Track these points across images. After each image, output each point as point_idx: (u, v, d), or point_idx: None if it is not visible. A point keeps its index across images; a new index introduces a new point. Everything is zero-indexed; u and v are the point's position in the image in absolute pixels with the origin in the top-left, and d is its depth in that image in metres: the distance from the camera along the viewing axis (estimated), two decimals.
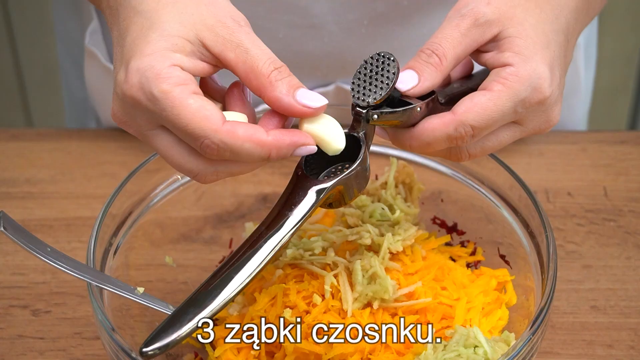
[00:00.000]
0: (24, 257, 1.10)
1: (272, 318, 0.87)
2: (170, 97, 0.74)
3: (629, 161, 1.23)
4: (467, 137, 0.79)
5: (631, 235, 1.12)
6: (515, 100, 0.79)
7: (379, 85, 0.79)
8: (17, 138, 1.29)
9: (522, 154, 1.24)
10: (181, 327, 0.73)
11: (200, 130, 0.73)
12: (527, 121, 0.82)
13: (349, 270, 0.89)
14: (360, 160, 0.79)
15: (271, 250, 0.76)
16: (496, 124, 0.80)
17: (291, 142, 0.75)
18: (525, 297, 0.92)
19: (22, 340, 1.01)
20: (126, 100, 0.76)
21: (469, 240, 1.01)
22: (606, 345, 0.99)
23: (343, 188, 0.79)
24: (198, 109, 0.74)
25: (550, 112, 0.83)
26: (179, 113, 0.74)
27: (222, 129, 0.73)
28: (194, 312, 0.74)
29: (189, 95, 0.74)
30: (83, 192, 1.20)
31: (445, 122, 0.79)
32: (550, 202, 1.17)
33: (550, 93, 0.81)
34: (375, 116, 0.79)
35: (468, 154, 0.83)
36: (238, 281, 0.75)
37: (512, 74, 0.79)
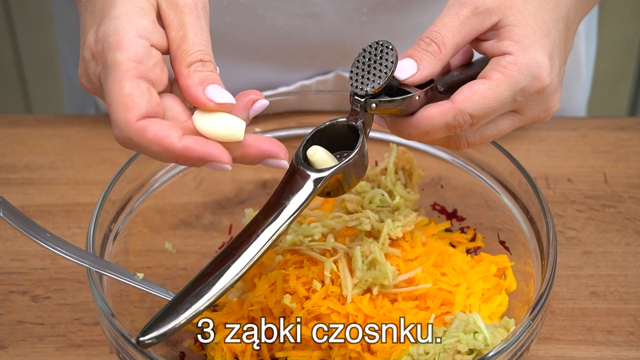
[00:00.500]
0: (23, 243, 1.10)
1: (271, 304, 0.87)
2: (116, 69, 0.73)
3: (629, 147, 1.23)
4: (466, 126, 0.79)
5: (631, 221, 1.12)
6: (515, 89, 0.79)
7: (377, 73, 0.78)
8: (16, 124, 1.29)
9: (522, 140, 1.24)
10: (179, 316, 0.73)
11: (115, 117, 0.72)
12: (526, 110, 0.82)
13: (348, 256, 0.89)
14: (359, 148, 0.79)
15: (269, 239, 0.76)
16: (495, 112, 0.80)
17: (200, 155, 0.73)
18: (525, 283, 0.92)
19: (22, 326, 1.01)
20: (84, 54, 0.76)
21: (468, 227, 1.01)
22: (606, 331, 0.99)
23: (341, 177, 0.79)
24: (126, 95, 0.72)
25: (550, 100, 0.83)
26: (110, 89, 0.73)
27: (134, 125, 0.72)
28: (191, 301, 0.73)
29: (131, 77, 0.73)
30: (82, 178, 1.20)
31: (444, 111, 0.79)
32: (550, 188, 1.17)
33: (550, 82, 0.81)
34: (374, 105, 0.79)
35: (467, 143, 0.83)
36: (235, 270, 0.75)
37: (511, 63, 0.79)
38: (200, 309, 0.74)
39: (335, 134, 0.81)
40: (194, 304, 0.73)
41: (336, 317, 0.86)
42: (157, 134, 0.72)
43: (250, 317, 0.89)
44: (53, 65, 2.14)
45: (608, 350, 0.98)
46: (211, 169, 0.74)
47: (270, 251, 0.92)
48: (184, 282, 0.98)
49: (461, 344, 0.81)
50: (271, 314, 0.88)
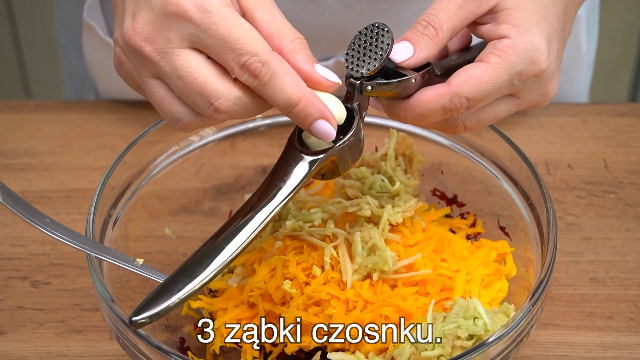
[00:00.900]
0: (23, 229, 1.10)
1: (271, 289, 0.87)
2: (224, 11, 0.73)
3: (629, 133, 1.23)
4: (462, 109, 0.79)
5: (631, 207, 1.12)
6: (512, 73, 0.79)
7: (373, 56, 0.78)
8: (16, 110, 1.28)
9: (522, 126, 1.24)
10: (172, 297, 0.73)
11: (251, 47, 0.73)
12: (523, 94, 0.82)
13: (348, 242, 0.89)
14: (354, 131, 0.79)
15: (263, 221, 0.76)
16: (492, 96, 0.80)
17: (323, 109, 0.75)
18: (525, 268, 0.92)
19: (22, 311, 1.01)
20: (168, 10, 0.74)
21: (468, 212, 1.00)
22: (605, 317, 0.99)
23: (337, 159, 0.79)
24: (250, 28, 0.74)
25: (548, 85, 0.83)
26: (232, 27, 0.73)
27: (274, 52, 0.74)
28: (184, 282, 0.74)
29: (239, 16, 0.74)
30: (82, 164, 1.20)
31: (440, 94, 0.79)
32: (551, 174, 1.17)
33: (547, 66, 0.80)
34: (369, 87, 0.79)
35: (463, 127, 0.83)
36: (229, 251, 0.75)
37: (508, 46, 0.79)
38: (194, 289, 0.74)
39: None
40: (188, 284, 0.73)
41: (336, 303, 0.86)
42: (291, 68, 0.75)
43: (250, 302, 0.89)
44: (52, 51, 2.14)
45: (608, 336, 0.98)
46: (314, 129, 0.76)
47: (270, 237, 0.92)
48: None
49: (461, 329, 0.81)
50: (271, 299, 0.88)
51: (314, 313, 0.86)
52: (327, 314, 0.86)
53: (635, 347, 0.97)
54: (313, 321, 0.86)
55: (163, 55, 0.74)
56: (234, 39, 0.73)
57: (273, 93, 0.74)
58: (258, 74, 0.73)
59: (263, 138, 1.07)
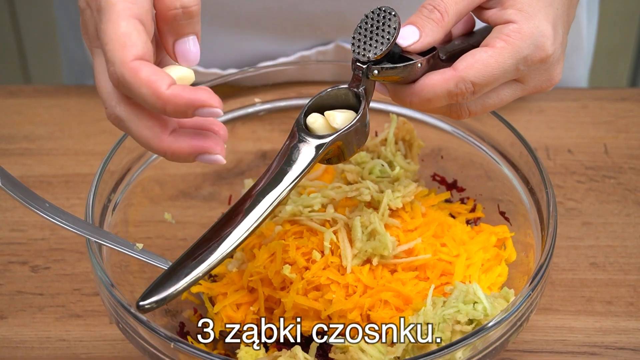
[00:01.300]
0: (22, 214, 1.10)
1: (271, 274, 0.87)
2: (111, 10, 0.71)
3: (629, 118, 1.23)
4: (468, 94, 0.79)
5: (631, 192, 1.12)
6: (518, 58, 0.79)
7: (379, 40, 0.78)
8: (15, 95, 1.28)
9: (522, 111, 1.24)
10: (178, 281, 0.73)
11: (110, 55, 0.70)
12: (528, 79, 0.82)
13: (348, 227, 0.89)
14: (360, 115, 0.79)
15: (269, 206, 0.75)
16: (497, 81, 0.80)
17: (188, 101, 0.70)
18: (525, 253, 0.92)
19: (22, 296, 1.01)
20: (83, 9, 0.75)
21: (468, 197, 1.00)
22: (605, 302, 0.99)
23: (342, 144, 0.79)
24: (123, 34, 0.70)
25: (552, 70, 0.83)
26: (106, 29, 0.71)
27: (130, 64, 0.70)
28: (191, 267, 0.73)
29: (126, 17, 0.71)
30: (82, 149, 1.19)
31: (446, 78, 0.79)
32: (551, 159, 1.16)
33: (553, 51, 0.80)
34: (376, 71, 0.79)
35: (468, 111, 0.83)
36: (236, 236, 0.74)
37: (514, 31, 0.79)
38: (200, 275, 0.73)
39: (336, 101, 0.81)
40: (194, 270, 0.73)
41: (336, 288, 0.86)
42: (149, 77, 0.70)
43: (250, 287, 0.89)
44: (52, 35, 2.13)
45: (607, 320, 0.98)
46: (200, 116, 0.71)
47: (269, 221, 0.92)
48: None
49: (461, 314, 0.81)
50: (271, 284, 0.88)
51: (314, 298, 0.86)
52: (327, 299, 0.86)
53: (634, 331, 0.97)
54: (313, 305, 0.86)
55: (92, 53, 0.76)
56: (104, 42, 0.72)
57: (143, 101, 0.71)
58: (116, 85, 0.72)
59: (263, 123, 1.07)
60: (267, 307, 0.89)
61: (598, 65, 1.83)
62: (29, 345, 0.96)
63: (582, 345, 0.96)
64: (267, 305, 0.89)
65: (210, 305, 0.90)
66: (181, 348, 0.77)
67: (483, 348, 0.79)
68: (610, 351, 0.95)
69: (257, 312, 0.89)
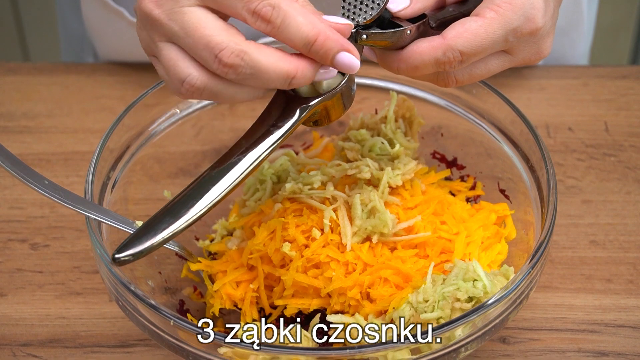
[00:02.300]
0: (22, 191, 1.10)
1: (271, 252, 0.87)
2: None
3: (630, 96, 1.23)
4: (455, 63, 0.79)
5: (631, 170, 1.12)
6: (507, 29, 0.78)
7: (369, 4, 0.78)
8: (14, 72, 1.28)
9: (522, 89, 1.23)
10: (155, 236, 0.73)
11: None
12: (517, 51, 0.82)
13: (348, 205, 0.89)
14: (346, 80, 0.78)
15: (250, 165, 0.75)
16: (485, 51, 0.79)
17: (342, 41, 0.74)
18: (525, 231, 0.92)
19: (21, 273, 1.01)
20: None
21: (468, 175, 1.00)
22: (605, 280, 1.00)
23: (329, 105, 0.79)
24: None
25: (542, 43, 0.82)
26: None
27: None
28: (169, 222, 0.73)
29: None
30: (81, 127, 1.19)
31: (434, 46, 0.78)
32: (551, 137, 1.16)
33: (543, 24, 0.80)
34: (364, 36, 0.78)
35: (455, 80, 0.82)
36: (215, 193, 0.74)
37: (505, 2, 0.78)
38: (178, 230, 0.73)
39: None
40: (172, 224, 0.73)
41: (335, 265, 0.86)
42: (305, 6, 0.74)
43: (250, 265, 0.89)
44: (51, 12, 2.12)
45: (607, 298, 0.98)
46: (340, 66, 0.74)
47: (269, 199, 0.92)
48: None
49: (460, 291, 0.82)
50: (270, 262, 0.88)
51: (314, 275, 0.86)
52: (327, 277, 0.86)
53: (634, 309, 0.97)
54: (312, 283, 0.86)
55: (172, 15, 0.73)
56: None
57: (289, 34, 0.73)
58: (270, 18, 0.72)
59: (262, 101, 1.06)
60: (266, 284, 0.89)
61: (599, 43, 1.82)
62: (28, 323, 0.96)
63: (582, 323, 0.96)
64: (266, 283, 0.89)
65: (209, 282, 0.90)
66: (181, 325, 0.77)
67: (483, 325, 0.79)
68: (610, 329, 0.95)
69: (256, 289, 0.89)
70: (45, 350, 0.94)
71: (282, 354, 0.77)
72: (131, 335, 0.95)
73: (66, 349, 0.94)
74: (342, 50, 0.74)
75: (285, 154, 0.96)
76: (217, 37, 0.72)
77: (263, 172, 0.94)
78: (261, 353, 0.76)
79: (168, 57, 0.74)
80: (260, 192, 0.94)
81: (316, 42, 0.73)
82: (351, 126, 0.98)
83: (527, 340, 0.94)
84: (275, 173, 0.95)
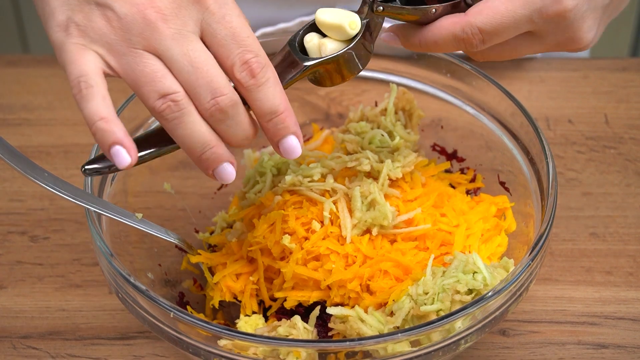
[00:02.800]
0: (22, 184, 1.10)
1: (270, 244, 0.87)
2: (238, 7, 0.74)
3: (630, 88, 1.22)
4: (476, 41, 0.78)
5: (631, 162, 1.12)
6: (531, 9, 0.77)
7: None
8: (14, 64, 1.28)
9: (522, 81, 1.23)
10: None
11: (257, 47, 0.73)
12: (545, 34, 0.80)
13: (348, 197, 0.89)
14: (349, 47, 0.79)
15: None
16: (507, 30, 0.78)
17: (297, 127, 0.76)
18: (525, 223, 0.92)
19: (21, 266, 1.01)
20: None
21: (468, 167, 1.00)
22: (605, 272, 1.00)
23: (330, 69, 0.79)
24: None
25: (576, 29, 0.80)
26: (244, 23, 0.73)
27: None
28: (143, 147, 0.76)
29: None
30: (80, 119, 1.16)
31: (454, 22, 0.78)
32: (551, 130, 1.16)
33: (573, 7, 0.78)
34: (380, 8, 0.79)
35: (482, 55, 0.82)
36: None
37: None
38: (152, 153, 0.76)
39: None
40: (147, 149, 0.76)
41: (335, 258, 0.86)
42: None
43: (250, 257, 0.89)
44: None
45: (607, 290, 0.98)
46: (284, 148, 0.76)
47: (269, 192, 0.92)
48: (183, 223, 0.99)
49: (460, 284, 0.81)
50: (270, 254, 0.88)
51: (313, 268, 0.86)
52: (327, 269, 0.86)
53: (634, 301, 0.97)
54: (312, 276, 0.86)
55: (177, 36, 0.72)
56: (245, 35, 0.73)
57: (263, 96, 0.73)
58: (256, 74, 0.73)
59: None
60: (266, 277, 0.89)
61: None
62: (28, 315, 0.97)
63: (582, 315, 0.96)
64: (266, 275, 0.89)
65: (209, 275, 0.90)
66: (181, 317, 0.77)
67: (482, 318, 0.79)
68: (610, 321, 0.95)
69: (256, 282, 0.89)
70: (45, 343, 0.94)
71: (282, 346, 0.77)
72: (131, 327, 0.95)
73: (66, 341, 0.94)
74: (295, 134, 0.75)
75: None
76: (221, 81, 0.73)
77: (263, 164, 0.94)
78: (261, 345, 0.76)
79: (154, 68, 0.73)
80: (260, 185, 0.94)
81: (280, 115, 0.74)
82: (351, 118, 0.98)
83: (527, 333, 0.94)
84: (275, 165, 0.94)
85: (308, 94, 1.09)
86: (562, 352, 0.93)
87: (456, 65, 0.97)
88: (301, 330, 0.84)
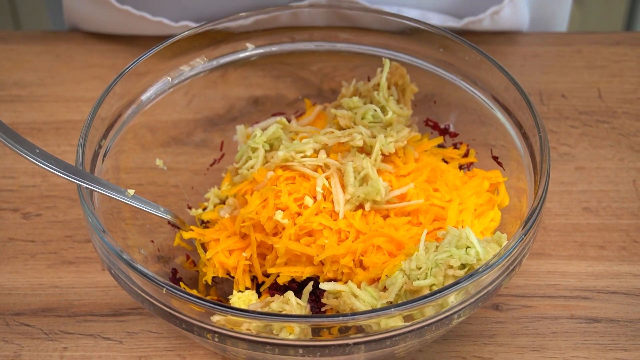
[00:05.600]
0: (13, 160, 1.09)
1: (263, 220, 0.87)
2: None
3: (623, 62, 1.22)
4: None
5: (624, 137, 1.12)
6: None
7: None
8: (5, 40, 1.27)
9: (516, 56, 1.23)
10: None
11: None
12: None
13: (340, 172, 0.89)
14: None
15: None
16: None
17: None
18: (518, 198, 0.92)
19: (13, 243, 1.01)
20: None
21: (461, 142, 1.00)
22: (598, 247, 1.00)
23: None
24: None
25: None
26: None
27: None
28: None
29: None
30: (72, 95, 1.19)
31: None
32: (544, 104, 1.16)
33: None
34: None
35: None
36: None
37: None
38: None
39: None
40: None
41: (328, 233, 0.86)
42: None
43: (242, 233, 0.89)
44: None
45: (600, 265, 0.98)
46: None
47: (262, 167, 0.92)
48: (175, 199, 0.99)
49: (453, 258, 0.81)
50: (263, 230, 0.88)
51: (306, 243, 0.86)
52: (319, 244, 0.86)
53: (626, 276, 0.97)
54: (305, 251, 0.86)
55: None
56: None
57: None
58: None
59: (254, 68, 1.06)
60: (259, 253, 0.89)
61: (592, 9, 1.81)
62: (21, 292, 0.96)
63: (575, 290, 0.96)
64: (259, 251, 0.89)
65: (202, 251, 0.90)
66: (174, 293, 0.77)
67: (475, 292, 0.79)
68: (603, 295, 0.95)
69: (249, 257, 0.89)
70: (38, 319, 0.94)
71: (275, 321, 0.77)
72: (124, 303, 0.95)
73: (59, 318, 0.94)
74: None
75: (277, 121, 0.96)
76: None
77: (255, 140, 0.94)
78: (254, 321, 0.76)
79: None
80: (252, 161, 0.93)
81: None
82: (343, 93, 0.98)
83: (520, 307, 0.95)
84: (267, 141, 0.94)
85: (301, 69, 1.08)
86: (555, 326, 0.93)
87: (449, 40, 0.97)
88: (294, 306, 0.84)
